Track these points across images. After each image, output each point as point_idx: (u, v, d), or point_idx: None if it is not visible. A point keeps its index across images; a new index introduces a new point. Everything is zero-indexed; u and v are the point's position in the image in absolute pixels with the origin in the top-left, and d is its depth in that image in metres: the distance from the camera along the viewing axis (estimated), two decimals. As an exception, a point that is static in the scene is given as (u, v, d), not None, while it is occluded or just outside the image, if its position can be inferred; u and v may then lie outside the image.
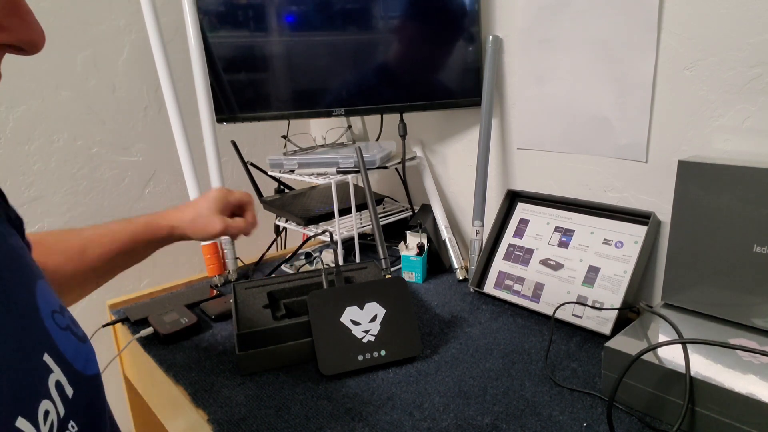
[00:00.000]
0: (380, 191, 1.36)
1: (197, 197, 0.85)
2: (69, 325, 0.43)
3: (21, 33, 0.34)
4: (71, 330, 0.42)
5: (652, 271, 0.88)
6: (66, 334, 0.41)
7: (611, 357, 0.66)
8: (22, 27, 0.34)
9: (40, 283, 0.42)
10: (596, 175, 0.93)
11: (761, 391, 0.55)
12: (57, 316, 0.41)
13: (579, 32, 0.89)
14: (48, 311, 0.40)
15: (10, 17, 0.33)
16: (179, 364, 0.79)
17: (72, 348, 0.41)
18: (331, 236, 0.98)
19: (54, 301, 0.42)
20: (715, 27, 0.74)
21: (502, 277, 0.96)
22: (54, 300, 0.43)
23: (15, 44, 0.34)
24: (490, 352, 0.79)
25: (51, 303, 0.41)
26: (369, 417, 0.65)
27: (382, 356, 0.75)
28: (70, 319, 0.44)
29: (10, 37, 0.33)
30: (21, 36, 0.34)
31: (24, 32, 0.34)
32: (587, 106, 0.91)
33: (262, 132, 1.52)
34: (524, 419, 0.64)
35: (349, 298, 0.77)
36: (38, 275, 0.43)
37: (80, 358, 0.42)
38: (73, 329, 0.43)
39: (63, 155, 1.19)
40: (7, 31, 0.33)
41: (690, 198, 0.73)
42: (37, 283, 0.41)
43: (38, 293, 0.40)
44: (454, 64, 1.05)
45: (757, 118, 0.73)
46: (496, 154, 1.09)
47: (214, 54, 1.10)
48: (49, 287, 0.43)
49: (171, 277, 1.29)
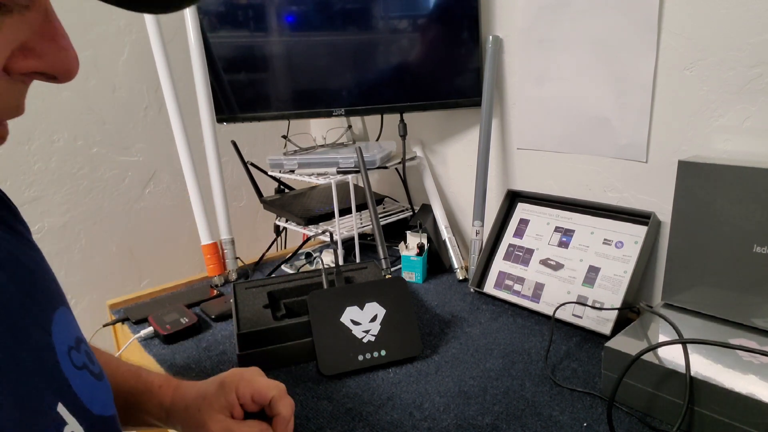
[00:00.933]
0: (380, 191, 1.36)
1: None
2: (86, 362, 0.39)
3: (55, 60, 0.30)
4: (88, 368, 0.39)
5: (652, 271, 0.88)
6: (82, 373, 0.38)
7: (611, 357, 0.66)
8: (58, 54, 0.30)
9: (57, 314, 0.38)
10: (596, 175, 0.93)
11: (761, 391, 0.55)
12: (73, 354, 0.38)
13: (579, 32, 0.89)
14: (64, 349, 0.37)
15: (45, 42, 0.29)
16: (179, 364, 0.79)
17: (88, 389, 0.38)
18: (331, 236, 0.98)
19: (71, 335, 0.39)
20: (715, 27, 0.74)
21: (502, 277, 0.96)
22: (71, 333, 0.39)
23: (47, 72, 0.30)
24: (490, 352, 0.79)
25: (68, 338, 0.38)
26: (369, 417, 0.65)
27: (382, 356, 0.75)
28: (86, 353, 0.40)
29: (42, 64, 0.30)
30: (55, 63, 0.30)
31: (58, 59, 0.30)
32: (587, 106, 0.91)
33: (262, 132, 1.52)
34: (524, 419, 0.64)
35: (349, 298, 0.77)
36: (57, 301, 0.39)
37: (98, 400, 0.39)
38: (90, 367, 0.40)
39: (63, 155, 1.19)
40: (40, 57, 0.29)
41: (690, 198, 0.73)
42: (54, 314, 0.38)
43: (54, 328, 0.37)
44: (454, 64, 1.05)
45: (757, 118, 0.73)
46: (496, 154, 1.09)
47: (214, 54, 1.10)
48: (68, 315, 0.40)
49: (171, 277, 1.29)
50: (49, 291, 0.39)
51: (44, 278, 0.39)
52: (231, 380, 0.54)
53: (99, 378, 0.40)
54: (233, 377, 0.54)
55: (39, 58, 0.29)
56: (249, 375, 0.55)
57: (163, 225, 1.40)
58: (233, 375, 0.55)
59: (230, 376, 0.54)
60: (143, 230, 1.36)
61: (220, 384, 0.54)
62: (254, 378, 0.54)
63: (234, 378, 0.54)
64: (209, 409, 0.52)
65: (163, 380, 0.58)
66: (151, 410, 0.56)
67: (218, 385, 0.54)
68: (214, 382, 0.55)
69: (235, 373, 0.55)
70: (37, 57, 0.29)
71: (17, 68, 0.29)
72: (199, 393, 0.54)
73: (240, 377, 0.54)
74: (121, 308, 0.99)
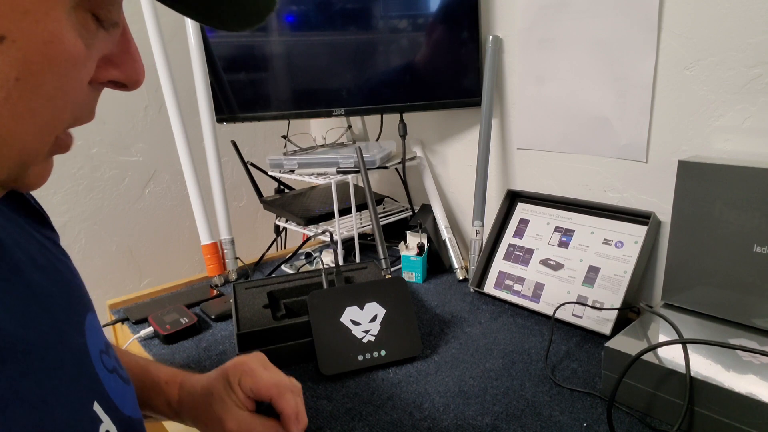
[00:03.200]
0: (380, 191, 1.36)
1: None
2: (115, 366, 0.41)
3: (130, 71, 0.33)
4: (117, 372, 0.41)
5: (652, 271, 0.88)
6: (113, 376, 0.40)
7: (611, 357, 0.66)
8: (133, 65, 0.33)
9: (89, 318, 0.40)
10: (596, 175, 0.93)
11: (761, 391, 0.55)
12: (104, 357, 0.40)
13: (579, 32, 0.89)
14: (96, 352, 0.39)
15: (122, 54, 0.32)
16: (179, 364, 0.79)
17: (119, 392, 0.39)
18: (331, 236, 0.98)
19: (100, 340, 0.41)
20: (715, 27, 0.74)
21: (502, 277, 0.96)
22: (100, 338, 0.41)
23: (121, 81, 0.33)
24: (490, 352, 0.79)
25: (98, 342, 0.40)
26: (369, 417, 0.65)
27: (382, 356, 0.75)
28: (115, 358, 0.42)
29: (120, 74, 0.33)
30: (129, 74, 0.33)
31: (133, 70, 0.33)
32: (587, 106, 0.91)
33: (262, 132, 1.52)
34: (524, 419, 0.64)
35: (349, 298, 0.77)
36: (88, 307, 0.41)
37: (128, 403, 0.40)
38: (119, 371, 0.41)
39: (63, 155, 1.19)
40: (118, 67, 0.32)
41: (690, 198, 0.73)
42: (87, 319, 0.40)
43: (87, 332, 0.39)
44: (454, 64, 1.05)
45: (757, 118, 0.73)
46: (496, 154, 1.09)
47: (214, 54, 1.10)
48: (96, 321, 0.42)
49: (171, 277, 1.29)
50: (81, 297, 0.41)
51: (76, 285, 0.41)
52: (233, 373, 0.53)
53: (127, 382, 0.42)
54: (235, 371, 0.54)
55: (117, 68, 0.32)
56: (251, 367, 0.54)
57: (163, 225, 1.40)
58: (235, 368, 0.54)
59: (233, 369, 0.54)
60: (143, 230, 1.36)
61: (224, 378, 0.54)
62: (256, 372, 0.53)
63: (236, 371, 0.53)
64: (221, 404, 0.53)
65: (169, 376, 0.57)
66: (158, 406, 0.56)
67: (223, 381, 0.54)
68: (219, 377, 0.54)
69: (237, 365, 0.54)
70: (115, 67, 0.32)
71: (100, 78, 0.32)
72: (205, 389, 0.54)
73: (242, 371, 0.53)
74: (121, 308, 0.99)
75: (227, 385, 0.53)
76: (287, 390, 0.53)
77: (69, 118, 0.31)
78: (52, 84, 0.27)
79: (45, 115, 0.28)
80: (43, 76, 0.27)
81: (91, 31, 0.29)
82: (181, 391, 0.56)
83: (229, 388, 0.53)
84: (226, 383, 0.53)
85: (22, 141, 0.28)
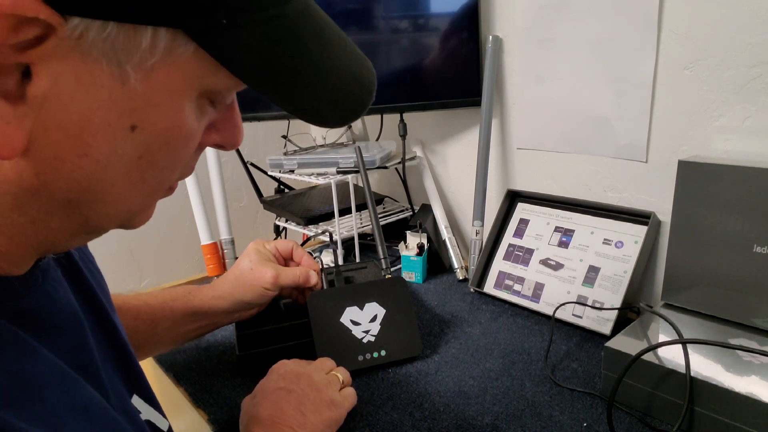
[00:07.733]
0: (380, 191, 1.36)
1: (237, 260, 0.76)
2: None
3: (231, 136, 0.36)
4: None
5: (652, 271, 0.88)
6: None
7: (611, 357, 0.66)
8: (234, 131, 0.36)
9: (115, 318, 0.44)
10: (596, 175, 0.93)
11: (761, 391, 0.55)
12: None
13: (579, 32, 0.89)
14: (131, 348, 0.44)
15: (226, 122, 0.35)
16: (179, 364, 0.79)
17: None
18: (331, 236, 0.98)
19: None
20: (715, 27, 0.73)
21: (502, 277, 0.96)
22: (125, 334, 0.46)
23: (221, 144, 0.36)
24: (490, 352, 0.79)
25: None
26: (369, 417, 0.65)
27: (382, 356, 0.75)
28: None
29: (222, 139, 0.35)
30: (231, 139, 0.36)
31: (233, 135, 0.36)
32: (587, 106, 0.91)
33: (262, 132, 1.52)
34: (524, 419, 0.64)
35: (349, 299, 0.77)
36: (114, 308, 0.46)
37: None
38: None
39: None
40: (219, 132, 0.35)
41: (690, 198, 0.73)
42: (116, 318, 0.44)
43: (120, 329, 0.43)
44: (454, 64, 1.05)
45: (757, 118, 0.72)
46: (496, 154, 1.09)
47: (214, 54, 1.09)
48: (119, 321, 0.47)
49: (171, 276, 1.29)
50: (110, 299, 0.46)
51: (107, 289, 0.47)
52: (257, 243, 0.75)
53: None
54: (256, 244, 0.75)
55: (219, 133, 0.35)
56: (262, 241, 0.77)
57: (163, 225, 1.40)
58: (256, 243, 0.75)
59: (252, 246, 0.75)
60: (143, 230, 1.35)
61: (248, 254, 0.73)
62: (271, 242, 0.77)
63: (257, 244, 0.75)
64: (257, 264, 0.71)
65: (168, 296, 0.70)
66: (164, 330, 0.69)
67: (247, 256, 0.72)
68: (240, 260, 0.73)
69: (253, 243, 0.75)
70: (217, 132, 0.35)
71: (204, 143, 0.35)
72: (235, 269, 0.72)
73: (261, 243, 0.76)
74: (121, 308, 0.99)
75: (257, 251, 0.73)
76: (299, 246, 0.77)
77: (176, 177, 0.35)
78: (167, 158, 0.31)
79: (156, 181, 0.32)
80: (160, 153, 0.30)
81: (205, 112, 0.32)
82: (204, 293, 0.70)
83: (257, 253, 0.72)
84: (254, 251, 0.73)
85: (132, 202, 0.32)
